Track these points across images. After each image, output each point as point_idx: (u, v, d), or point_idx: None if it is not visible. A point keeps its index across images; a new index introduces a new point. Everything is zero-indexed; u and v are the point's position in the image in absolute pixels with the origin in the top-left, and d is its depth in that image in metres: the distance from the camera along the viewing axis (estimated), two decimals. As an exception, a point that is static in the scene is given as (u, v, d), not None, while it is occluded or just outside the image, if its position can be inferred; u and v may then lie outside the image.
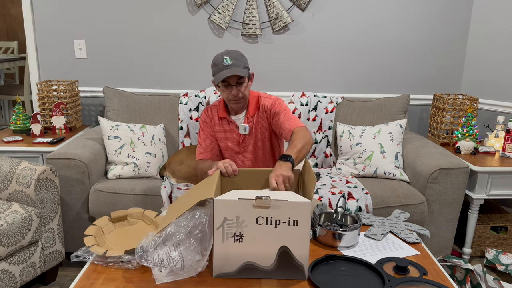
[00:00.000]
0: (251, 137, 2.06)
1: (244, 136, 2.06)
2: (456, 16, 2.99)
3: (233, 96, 1.93)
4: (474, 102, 2.79)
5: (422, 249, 1.59)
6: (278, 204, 1.29)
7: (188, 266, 1.34)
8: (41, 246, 2.13)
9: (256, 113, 2.04)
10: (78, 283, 1.33)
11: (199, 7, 2.91)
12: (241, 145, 2.07)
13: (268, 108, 2.01)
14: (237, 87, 1.91)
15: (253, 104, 2.04)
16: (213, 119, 2.10)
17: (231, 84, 1.90)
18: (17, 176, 2.10)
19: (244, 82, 1.92)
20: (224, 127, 2.08)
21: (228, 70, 1.86)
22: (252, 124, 2.04)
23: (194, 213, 1.41)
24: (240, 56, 1.91)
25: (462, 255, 2.60)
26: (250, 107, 2.04)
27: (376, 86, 3.10)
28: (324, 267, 1.42)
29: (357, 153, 2.61)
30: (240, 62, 1.89)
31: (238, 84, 1.91)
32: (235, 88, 1.91)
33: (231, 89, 1.91)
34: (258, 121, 2.04)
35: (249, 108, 2.04)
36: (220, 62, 1.88)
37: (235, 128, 2.06)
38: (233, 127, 2.06)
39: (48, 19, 2.93)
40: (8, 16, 5.67)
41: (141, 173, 2.48)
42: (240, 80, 1.91)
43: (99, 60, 3.01)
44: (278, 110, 1.97)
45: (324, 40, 2.99)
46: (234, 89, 1.91)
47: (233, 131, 2.07)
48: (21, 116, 2.77)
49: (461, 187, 2.36)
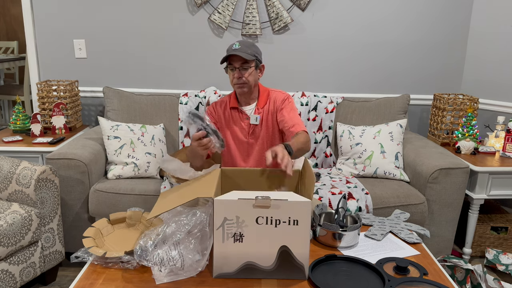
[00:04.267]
0: (261, 128, 2.11)
1: (254, 127, 2.11)
2: (456, 16, 2.99)
3: (237, 80, 2.00)
4: (474, 102, 2.78)
5: (422, 249, 1.59)
6: (278, 204, 1.29)
7: (188, 266, 1.34)
8: (41, 246, 2.13)
9: (267, 105, 2.11)
10: (78, 283, 1.33)
11: (199, 7, 2.91)
12: (250, 135, 2.12)
13: (279, 101, 2.10)
14: (241, 71, 1.98)
15: (264, 96, 2.12)
16: (218, 113, 2.16)
17: (236, 67, 1.98)
18: (17, 176, 2.09)
19: (248, 67, 1.98)
20: (234, 118, 2.14)
21: (233, 51, 1.95)
22: (262, 115, 2.10)
23: (194, 212, 1.41)
24: (251, 45, 1.99)
25: (462, 255, 2.60)
26: (261, 99, 2.11)
27: (376, 86, 3.10)
28: (324, 267, 1.42)
29: (357, 153, 2.61)
30: (248, 49, 1.97)
31: (242, 69, 1.98)
32: (238, 70, 1.98)
33: (235, 72, 1.99)
34: (268, 113, 2.10)
35: (260, 100, 2.11)
36: (230, 47, 1.99)
37: (245, 119, 2.11)
38: (243, 117, 2.12)
39: (48, 19, 2.93)
40: (8, 16, 5.67)
41: (141, 173, 2.48)
42: (245, 65, 1.97)
43: (99, 60, 3.01)
44: (287, 106, 2.07)
45: (324, 40, 2.99)
46: (237, 72, 1.98)
47: (243, 122, 2.12)
48: (21, 116, 2.77)
49: (461, 187, 2.35)
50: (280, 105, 2.09)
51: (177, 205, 1.38)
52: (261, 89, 2.15)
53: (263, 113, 2.11)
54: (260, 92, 2.14)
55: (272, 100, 2.11)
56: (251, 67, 1.99)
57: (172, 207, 1.37)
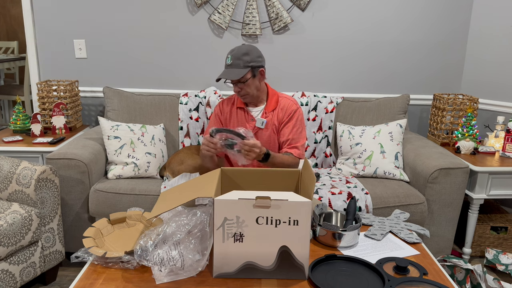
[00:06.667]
0: (266, 132, 2.11)
1: (258, 130, 2.11)
2: (456, 16, 2.99)
3: (237, 92, 2.03)
4: (474, 102, 2.79)
5: (422, 249, 1.59)
6: (278, 204, 1.29)
7: (188, 266, 1.34)
8: (41, 246, 2.13)
9: (276, 110, 2.11)
10: (78, 283, 1.33)
11: (199, 7, 2.91)
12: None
13: (288, 111, 2.09)
14: (238, 85, 1.99)
15: (273, 101, 2.11)
16: (224, 111, 2.18)
17: (233, 82, 2.00)
18: (17, 176, 2.10)
19: (245, 81, 1.98)
20: (239, 117, 2.14)
21: (224, 71, 1.98)
22: (269, 119, 2.10)
23: (194, 212, 1.41)
24: (244, 54, 1.96)
25: (462, 255, 2.60)
26: (270, 103, 2.11)
27: (376, 86, 3.10)
28: (324, 267, 1.42)
29: (357, 153, 2.62)
30: (240, 62, 1.95)
31: (239, 83, 1.99)
32: (235, 85, 2.01)
33: (234, 86, 2.02)
34: (275, 118, 2.10)
35: (268, 103, 2.11)
36: (225, 60, 2.01)
37: (250, 120, 2.12)
38: (249, 118, 2.12)
39: (48, 19, 2.93)
40: (8, 16, 5.67)
41: (141, 173, 2.48)
42: (241, 79, 1.97)
43: (99, 60, 3.01)
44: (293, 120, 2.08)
45: (324, 40, 2.99)
46: (235, 87, 2.01)
47: (248, 123, 2.12)
48: (21, 116, 2.77)
49: (461, 187, 2.36)
50: (287, 117, 2.08)
51: (177, 205, 1.38)
52: (270, 92, 2.12)
53: (271, 118, 2.10)
54: (269, 95, 2.12)
55: (281, 107, 2.10)
56: (247, 80, 1.98)
57: (172, 207, 1.38)
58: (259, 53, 2.02)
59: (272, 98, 2.11)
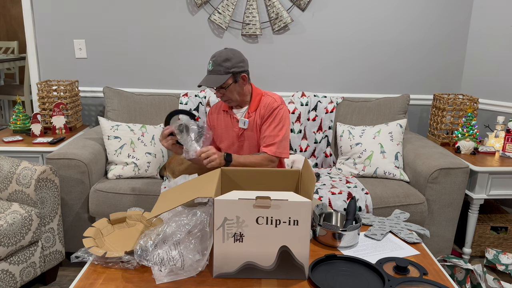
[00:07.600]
0: (251, 132, 2.10)
1: (243, 130, 2.10)
2: (456, 16, 2.99)
3: (219, 98, 2.04)
4: (474, 102, 2.79)
5: (422, 249, 1.59)
6: (278, 204, 1.29)
7: (188, 266, 1.34)
8: (41, 246, 2.13)
9: (258, 110, 2.09)
10: (78, 283, 1.33)
11: (199, 7, 2.91)
12: (239, 138, 2.12)
13: (269, 108, 2.05)
14: (220, 91, 2.00)
15: (256, 100, 2.09)
16: (212, 119, 2.20)
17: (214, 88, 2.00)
18: (17, 176, 2.10)
19: (226, 87, 1.97)
20: (225, 121, 2.14)
21: (205, 77, 1.97)
22: (252, 120, 2.08)
23: (194, 212, 1.41)
24: (224, 61, 1.93)
25: (462, 255, 2.60)
26: (253, 103, 2.09)
27: (376, 86, 3.10)
28: (324, 267, 1.42)
29: (357, 153, 2.62)
30: (221, 68, 1.93)
31: (220, 88, 1.99)
32: (217, 91, 2.01)
33: (216, 92, 2.02)
34: (257, 117, 2.08)
35: (251, 104, 2.09)
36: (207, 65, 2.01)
37: (235, 122, 2.11)
38: (234, 120, 2.12)
39: (48, 19, 2.93)
40: (8, 16, 5.67)
41: (141, 173, 2.48)
42: (223, 85, 1.96)
43: (99, 60, 3.01)
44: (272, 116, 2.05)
45: (324, 40, 2.99)
46: (217, 93, 2.01)
47: (233, 125, 2.12)
48: (21, 116, 2.77)
49: (461, 187, 2.36)
50: (268, 114, 2.04)
51: (177, 205, 1.38)
52: (254, 93, 2.09)
53: (254, 117, 2.08)
54: (252, 96, 2.09)
55: (262, 105, 2.06)
56: (229, 86, 1.96)
57: (172, 207, 1.38)
58: (241, 57, 1.97)
59: (256, 98, 2.08)
